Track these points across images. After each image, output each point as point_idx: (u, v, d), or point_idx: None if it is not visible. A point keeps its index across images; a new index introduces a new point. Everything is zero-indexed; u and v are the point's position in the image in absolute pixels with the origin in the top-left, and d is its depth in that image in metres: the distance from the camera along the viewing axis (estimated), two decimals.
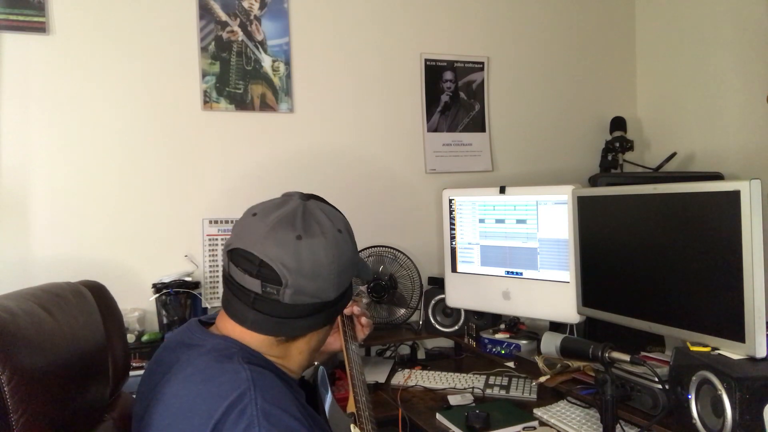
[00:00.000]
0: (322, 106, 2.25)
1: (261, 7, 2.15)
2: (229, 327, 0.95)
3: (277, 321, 0.92)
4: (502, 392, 1.82)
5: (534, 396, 1.78)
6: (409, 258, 2.27)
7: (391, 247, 2.27)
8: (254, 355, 0.93)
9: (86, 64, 1.94)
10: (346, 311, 1.25)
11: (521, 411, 1.65)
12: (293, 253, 0.89)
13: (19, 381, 0.83)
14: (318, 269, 0.91)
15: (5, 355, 0.83)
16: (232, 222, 2.08)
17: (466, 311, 2.12)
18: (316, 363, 1.18)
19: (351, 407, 1.08)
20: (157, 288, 1.93)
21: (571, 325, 1.84)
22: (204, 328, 0.98)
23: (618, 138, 2.48)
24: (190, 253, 2.05)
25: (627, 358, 1.24)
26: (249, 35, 2.13)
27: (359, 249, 2.22)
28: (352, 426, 1.03)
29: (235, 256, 0.92)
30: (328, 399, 1.09)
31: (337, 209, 1.03)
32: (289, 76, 2.19)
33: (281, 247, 0.89)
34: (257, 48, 2.14)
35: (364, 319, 1.26)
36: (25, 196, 1.88)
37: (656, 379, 1.28)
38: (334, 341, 1.25)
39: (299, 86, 2.21)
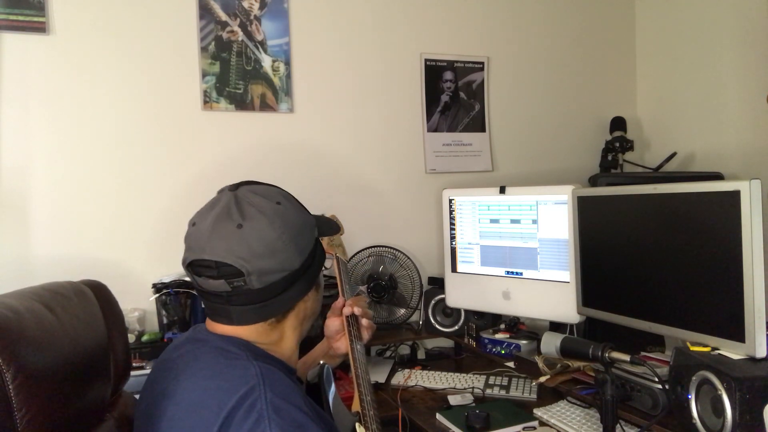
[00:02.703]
0: (322, 106, 2.25)
1: (261, 7, 2.15)
2: (225, 327, 0.97)
3: (261, 306, 0.95)
4: (502, 392, 1.82)
5: (534, 396, 1.78)
6: (409, 258, 2.27)
7: (391, 247, 2.27)
8: (258, 351, 0.95)
9: (86, 64, 1.94)
10: (346, 311, 1.25)
11: (521, 411, 1.65)
12: (240, 241, 0.92)
13: (23, 379, 0.84)
14: (271, 245, 0.93)
15: (10, 354, 0.83)
16: None
17: (466, 311, 2.12)
18: (321, 362, 1.19)
19: (356, 406, 1.08)
20: (157, 288, 1.92)
21: (571, 325, 1.84)
22: (207, 328, 1.00)
23: (618, 138, 2.48)
24: None
25: (627, 358, 1.24)
26: (249, 35, 2.13)
27: (359, 249, 2.25)
28: (357, 425, 1.03)
29: (194, 268, 0.95)
30: (332, 393, 1.10)
31: (270, 185, 1.05)
32: (289, 76, 2.19)
33: (227, 241, 0.92)
34: (257, 48, 2.14)
35: (364, 321, 1.26)
36: (25, 196, 1.88)
37: (656, 379, 1.28)
38: (343, 345, 1.25)
39: (299, 86, 2.21)
